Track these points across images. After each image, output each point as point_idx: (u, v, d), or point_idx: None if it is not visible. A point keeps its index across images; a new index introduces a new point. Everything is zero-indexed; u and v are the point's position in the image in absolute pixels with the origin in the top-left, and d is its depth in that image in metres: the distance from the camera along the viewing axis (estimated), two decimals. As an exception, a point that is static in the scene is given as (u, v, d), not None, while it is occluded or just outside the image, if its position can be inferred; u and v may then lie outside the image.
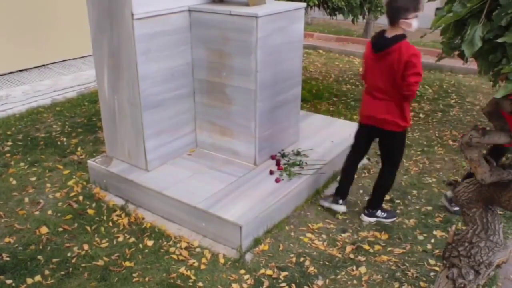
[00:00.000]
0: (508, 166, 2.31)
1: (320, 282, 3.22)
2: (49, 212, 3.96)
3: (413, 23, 3.31)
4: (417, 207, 4.13)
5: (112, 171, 4.16)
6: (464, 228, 2.50)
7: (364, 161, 4.88)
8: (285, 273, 3.30)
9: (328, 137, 4.84)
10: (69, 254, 3.45)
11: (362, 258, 3.46)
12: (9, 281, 3.17)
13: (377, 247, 3.58)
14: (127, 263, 3.35)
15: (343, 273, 3.32)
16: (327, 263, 3.40)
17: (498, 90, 1.80)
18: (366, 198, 4.22)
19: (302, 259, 3.44)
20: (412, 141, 5.47)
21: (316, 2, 5.60)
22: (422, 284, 3.22)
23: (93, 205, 4.05)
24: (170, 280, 3.21)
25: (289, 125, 4.56)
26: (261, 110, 4.05)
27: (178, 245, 3.56)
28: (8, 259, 3.39)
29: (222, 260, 3.41)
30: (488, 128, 2.29)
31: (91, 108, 6.35)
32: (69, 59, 8.21)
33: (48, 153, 5.02)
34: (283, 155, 4.41)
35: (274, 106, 4.23)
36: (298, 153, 4.47)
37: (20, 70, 7.56)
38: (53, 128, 5.68)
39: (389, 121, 3.51)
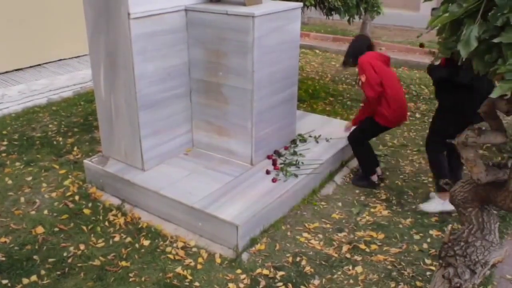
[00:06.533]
0: (504, 166, 2.32)
1: (316, 282, 3.22)
2: (45, 212, 3.95)
3: None
4: (413, 206, 4.14)
5: (108, 170, 4.15)
6: (460, 227, 2.51)
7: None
8: (282, 272, 3.30)
9: (325, 136, 4.84)
10: (65, 254, 3.44)
11: (359, 258, 3.47)
12: (4, 281, 3.16)
13: (373, 246, 3.59)
14: (124, 263, 3.35)
15: (339, 272, 3.32)
16: (323, 263, 3.41)
17: (494, 90, 1.80)
18: (363, 198, 4.23)
19: (298, 258, 3.45)
20: (408, 140, 5.48)
21: (313, 2, 5.60)
22: (418, 283, 3.23)
23: (89, 205, 4.04)
24: (167, 280, 3.21)
25: (285, 125, 4.56)
26: (257, 109, 4.05)
27: (174, 245, 3.56)
28: (4, 259, 3.38)
29: (218, 260, 3.41)
30: (484, 128, 2.30)
31: (87, 108, 6.33)
32: (64, 59, 8.19)
33: (44, 152, 5.00)
34: (279, 155, 4.41)
35: (271, 106, 4.23)
36: (294, 153, 4.47)
37: (16, 70, 7.55)
38: (49, 128, 5.66)
39: None
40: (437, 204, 4.02)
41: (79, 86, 7.11)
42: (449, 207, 3.58)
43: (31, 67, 7.72)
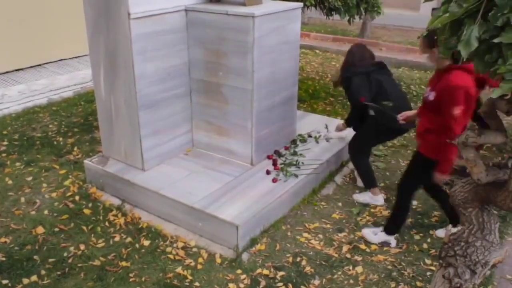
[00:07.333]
0: (504, 166, 2.32)
1: (316, 282, 3.22)
2: (45, 212, 3.95)
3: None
4: (413, 206, 4.14)
5: (108, 171, 4.15)
6: (460, 227, 2.50)
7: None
8: (282, 272, 3.30)
9: (325, 136, 4.84)
10: (65, 254, 3.44)
11: (359, 258, 3.47)
12: (5, 281, 3.16)
13: (373, 246, 3.59)
14: (124, 263, 3.35)
15: (339, 272, 3.32)
16: (323, 263, 3.41)
17: (494, 90, 1.80)
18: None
19: (298, 258, 3.45)
20: (409, 141, 5.47)
21: (313, 2, 5.60)
22: (418, 283, 3.23)
23: (90, 205, 4.04)
24: (167, 280, 3.21)
25: (285, 125, 4.56)
26: (257, 109, 4.05)
27: (174, 245, 3.56)
28: (4, 259, 3.38)
29: (218, 260, 3.41)
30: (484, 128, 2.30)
31: (87, 108, 6.33)
32: (65, 59, 8.19)
33: (44, 152, 5.00)
34: (279, 155, 4.41)
35: (271, 106, 4.23)
36: (294, 153, 4.47)
37: (16, 70, 7.55)
38: (49, 128, 5.66)
39: None
40: (367, 196, 4.22)
41: (79, 86, 7.12)
42: (378, 202, 4.16)
43: (31, 67, 7.72)
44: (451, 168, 3.22)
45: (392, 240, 3.63)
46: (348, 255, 3.49)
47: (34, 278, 3.20)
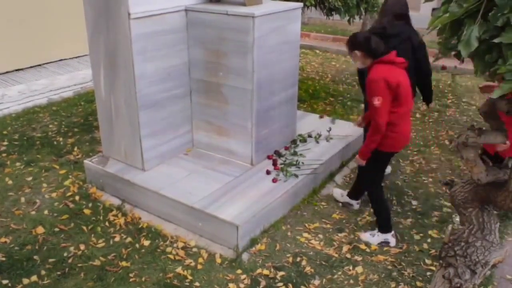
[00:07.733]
0: (504, 166, 2.32)
1: (316, 282, 3.22)
2: (45, 212, 3.95)
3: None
4: (413, 207, 4.14)
5: (108, 171, 4.15)
6: (460, 227, 2.51)
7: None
8: (282, 272, 3.30)
9: (325, 136, 4.84)
10: (65, 254, 3.44)
11: (359, 258, 3.47)
12: (5, 281, 3.16)
13: (373, 246, 3.59)
14: (124, 263, 3.35)
15: (339, 272, 3.32)
16: (323, 263, 3.41)
17: (494, 90, 1.81)
18: (363, 197, 4.21)
19: (298, 258, 3.45)
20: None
21: (313, 2, 5.60)
22: (418, 283, 3.23)
23: (90, 205, 4.04)
24: (167, 280, 3.21)
25: (285, 125, 4.56)
26: (257, 110, 4.05)
27: (174, 245, 3.56)
28: (4, 259, 3.38)
29: (218, 260, 3.41)
30: (484, 128, 2.30)
31: (87, 108, 6.33)
32: (65, 59, 8.19)
33: (44, 153, 5.00)
34: (279, 155, 4.41)
35: (271, 106, 4.23)
36: (294, 153, 4.47)
37: (16, 70, 7.55)
38: (49, 128, 5.66)
39: None
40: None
41: (79, 86, 7.12)
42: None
43: (31, 67, 7.72)
44: (367, 157, 3.40)
45: (390, 238, 3.63)
46: (348, 255, 3.49)
47: (34, 278, 3.20)
